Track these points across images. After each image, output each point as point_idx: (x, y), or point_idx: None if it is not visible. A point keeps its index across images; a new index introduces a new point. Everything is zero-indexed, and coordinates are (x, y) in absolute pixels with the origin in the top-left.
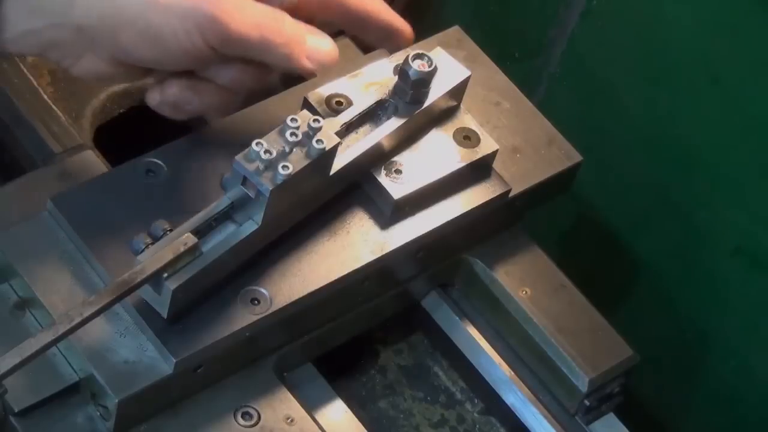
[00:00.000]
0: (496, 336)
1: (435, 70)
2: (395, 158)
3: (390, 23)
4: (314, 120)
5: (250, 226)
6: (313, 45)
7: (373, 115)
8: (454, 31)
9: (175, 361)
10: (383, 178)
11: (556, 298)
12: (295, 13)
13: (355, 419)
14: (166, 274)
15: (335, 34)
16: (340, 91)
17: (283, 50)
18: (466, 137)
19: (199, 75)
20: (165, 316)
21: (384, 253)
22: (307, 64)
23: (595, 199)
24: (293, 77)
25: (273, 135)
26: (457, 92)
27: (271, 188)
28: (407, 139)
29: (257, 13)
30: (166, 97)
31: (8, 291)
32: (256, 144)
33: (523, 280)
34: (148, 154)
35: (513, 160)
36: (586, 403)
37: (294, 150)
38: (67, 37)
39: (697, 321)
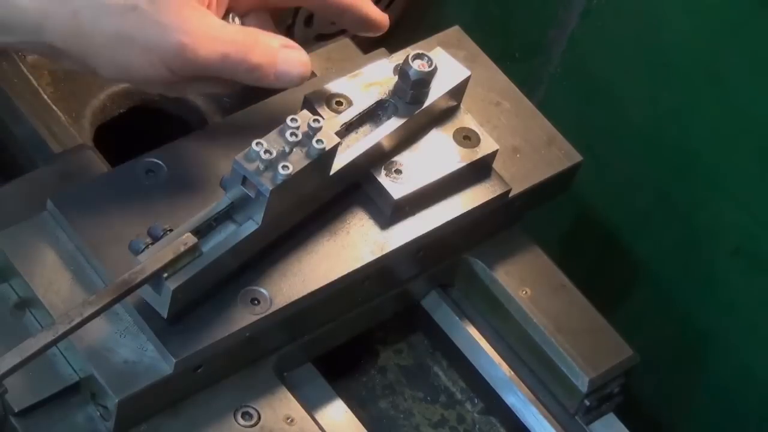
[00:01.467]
0: (496, 336)
1: (435, 70)
2: (395, 158)
3: (366, 14)
4: (314, 120)
5: (250, 226)
6: (284, 64)
7: (373, 115)
8: (454, 31)
9: (175, 361)
10: (383, 178)
11: (556, 298)
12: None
13: (355, 419)
14: (166, 274)
15: (335, 34)
16: (340, 91)
17: (251, 74)
18: (466, 137)
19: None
20: (165, 316)
21: (384, 253)
22: (277, 84)
23: (595, 199)
24: None
25: (273, 135)
26: (457, 92)
27: (271, 188)
28: (407, 139)
29: (225, 41)
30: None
31: (8, 291)
32: (256, 144)
33: (523, 280)
34: (148, 154)
35: (513, 160)
36: (586, 403)
37: (294, 150)
38: (42, 51)
39: (697, 321)
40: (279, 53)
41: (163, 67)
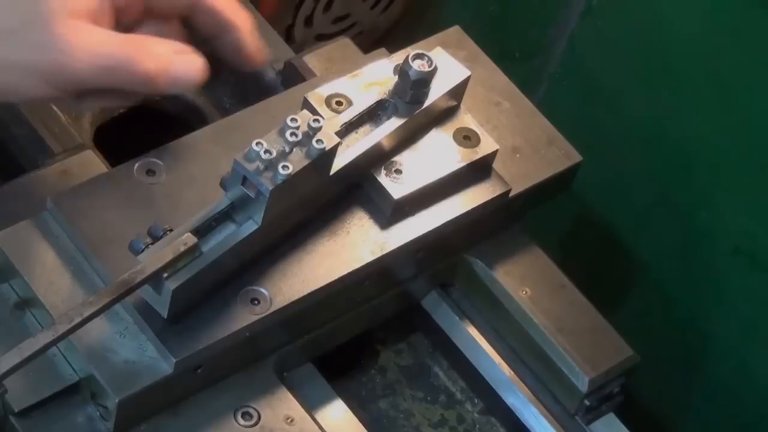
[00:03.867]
0: (496, 336)
1: (435, 70)
2: (395, 158)
3: (243, 42)
4: (314, 120)
5: (250, 226)
6: (177, 69)
7: (373, 115)
8: (454, 31)
9: (175, 361)
10: (383, 178)
11: (556, 298)
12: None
13: (355, 419)
14: (166, 274)
15: (335, 34)
16: (340, 91)
17: (142, 83)
18: (466, 137)
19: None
20: (165, 316)
21: (384, 253)
22: (173, 90)
23: (595, 199)
24: (293, 77)
25: (273, 135)
26: (457, 92)
27: (271, 188)
28: (407, 139)
29: (106, 54)
30: None
31: (8, 291)
32: (256, 144)
33: (523, 280)
34: (148, 154)
35: (513, 160)
36: (586, 403)
37: (294, 150)
38: None
39: (697, 321)
40: (172, 59)
41: (46, 87)
